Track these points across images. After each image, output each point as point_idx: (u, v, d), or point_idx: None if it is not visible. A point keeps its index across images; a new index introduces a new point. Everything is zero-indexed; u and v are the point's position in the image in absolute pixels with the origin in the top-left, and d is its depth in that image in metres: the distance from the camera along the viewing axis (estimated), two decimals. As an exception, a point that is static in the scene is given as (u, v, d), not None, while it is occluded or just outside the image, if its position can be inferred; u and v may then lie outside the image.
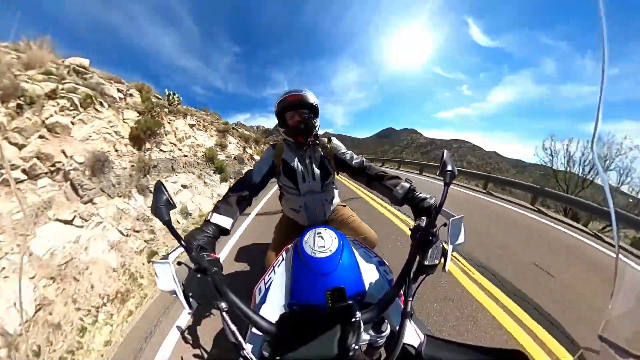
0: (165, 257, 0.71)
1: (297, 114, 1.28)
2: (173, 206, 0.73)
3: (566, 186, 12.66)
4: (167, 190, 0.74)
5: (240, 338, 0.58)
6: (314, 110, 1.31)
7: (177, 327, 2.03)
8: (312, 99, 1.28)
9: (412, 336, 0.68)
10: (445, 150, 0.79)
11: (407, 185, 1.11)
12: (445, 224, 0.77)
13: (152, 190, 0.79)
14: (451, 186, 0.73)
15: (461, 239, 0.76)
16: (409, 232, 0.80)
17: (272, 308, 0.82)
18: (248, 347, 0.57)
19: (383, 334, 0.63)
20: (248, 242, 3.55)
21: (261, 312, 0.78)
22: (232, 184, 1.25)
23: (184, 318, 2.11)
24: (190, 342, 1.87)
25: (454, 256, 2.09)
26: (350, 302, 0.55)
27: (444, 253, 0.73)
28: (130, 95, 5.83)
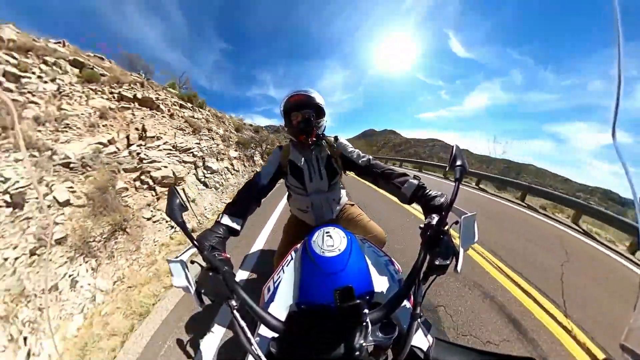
0: (180, 256, 0.72)
1: (300, 114, 1.25)
2: (185, 209, 0.76)
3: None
4: (179, 195, 0.77)
5: (249, 334, 0.58)
6: (318, 110, 1.28)
7: (178, 340, 1.93)
8: (317, 99, 1.27)
9: (421, 339, 0.66)
10: (456, 144, 0.74)
11: (415, 182, 1.06)
12: (456, 222, 0.71)
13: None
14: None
15: (473, 238, 0.71)
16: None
17: (281, 306, 0.81)
18: (256, 344, 0.56)
19: (391, 336, 0.60)
20: (255, 249, 3.39)
21: (269, 310, 0.76)
22: (241, 186, 1.25)
23: (185, 336, 2.01)
24: (193, 356, 1.81)
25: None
26: (358, 301, 0.54)
27: (456, 253, 0.68)
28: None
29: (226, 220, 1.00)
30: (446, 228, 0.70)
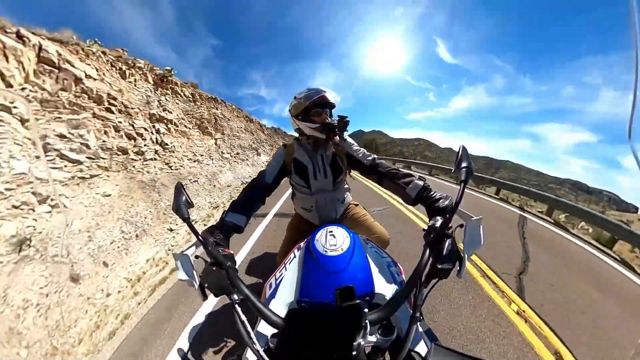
0: (185, 251, 0.73)
1: (324, 113, 1.26)
2: (191, 205, 0.78)
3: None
4: (186, 192, 0.79)
5: (249, 328, 0.58)
6: (332, 109, 1.30)
7: (179, 349, 1.88)
8: (334, 97, 1.27)
9: (419, 343, 0.65)
10: (462, 145, 0.70)
11: (420, 183, 1.03)
12: (461, 225, 0.69)
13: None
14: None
15: (479, 242, 0.67)
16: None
17: (282, 303, 0.81)
18: (255, 339, 0.56)
19: (389, 338, 0.58)
20: (261, 252, 3.32)
21: (270, 307, 0.75)
22: (246, 185, 1.24)
23: (184, 343, 1.96)
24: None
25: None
26: (358, 301, 0.53)
27: (460, 257, 0.65)
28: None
29: (231, 217, 1.01)
30: (450, 231, 0.68)
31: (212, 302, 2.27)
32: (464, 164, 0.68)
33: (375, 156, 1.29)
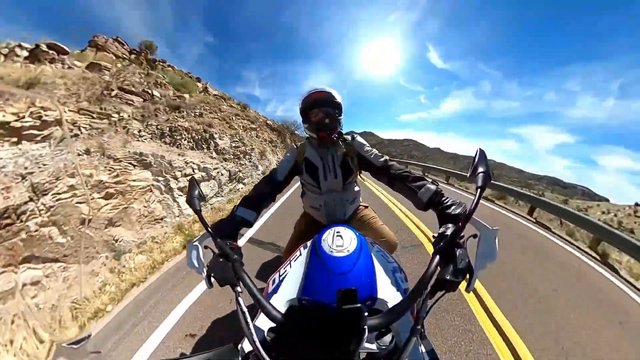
0: (195, 241, 0.77)
1: (321, 111, 1.24)
2: (203, 199, 0.82)
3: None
4: (199, 186, 0.84)
5: (249, 320, 0.59)
6: (337, 108, 1.27)
7: (181, 353, 1.98)
8: (336, 97, 1.24)
9: (417, 357, 0.61)
10: (479, 148, 0.66)
11: (433, 187, 0.97)
12: (474, 235, 0.64)
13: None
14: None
15: (493, 255, 0.61)
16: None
17: (283, 299, 0.80)
18: (253, 330, 0.56)
19: (386, 347, 0.57)
20: (271, 256, 3.33)
21: (271, 301, 0.76)
22: (258, 181, 1.27)
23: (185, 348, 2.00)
24: None
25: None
26: (359, 305, 0.50)
27: (470, 270, 0.61)
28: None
29: (241, 212, 1.03)
30: (462, 241, 0.64)
31: (214, 296, 2.32)
32: (481, 169, 0.63)
33: (387, 157, 1.24)
